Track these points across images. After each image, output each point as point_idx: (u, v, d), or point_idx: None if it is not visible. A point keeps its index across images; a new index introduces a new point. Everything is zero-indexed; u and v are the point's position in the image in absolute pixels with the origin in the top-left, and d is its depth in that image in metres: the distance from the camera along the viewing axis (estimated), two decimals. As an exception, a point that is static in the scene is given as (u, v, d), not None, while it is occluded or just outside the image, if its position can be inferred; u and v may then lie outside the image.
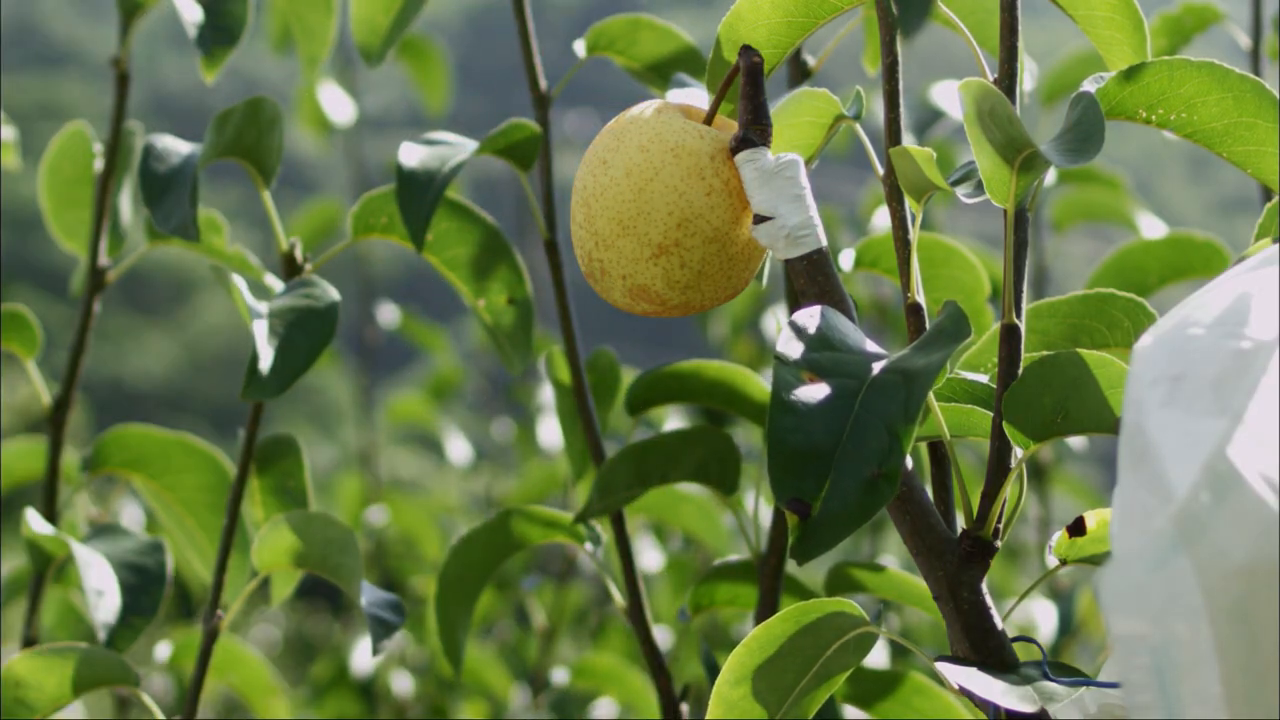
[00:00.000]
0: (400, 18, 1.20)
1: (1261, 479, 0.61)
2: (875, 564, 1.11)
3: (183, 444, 1.27)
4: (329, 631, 3.83)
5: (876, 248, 1.16)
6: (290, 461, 1.20)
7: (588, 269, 0.84)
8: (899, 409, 0.69)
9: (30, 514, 1.21)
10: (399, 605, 1.06)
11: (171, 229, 1.07)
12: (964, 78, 0.77)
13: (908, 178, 0.83)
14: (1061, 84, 1.84)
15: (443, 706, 2.44)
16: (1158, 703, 0.62)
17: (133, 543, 1.19)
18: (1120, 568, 0.63)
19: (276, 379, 1.03)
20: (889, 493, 0.68)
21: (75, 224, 1.38)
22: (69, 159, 1.37)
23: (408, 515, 2.54)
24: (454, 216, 1.15)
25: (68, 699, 1.08)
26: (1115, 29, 0.87)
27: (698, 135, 0.82)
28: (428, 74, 2.57)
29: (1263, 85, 0.81)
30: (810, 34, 0.87)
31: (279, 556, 1.09)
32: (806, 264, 0.80)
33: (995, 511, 0.79)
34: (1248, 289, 0.68)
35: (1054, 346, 0.88)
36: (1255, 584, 0.60)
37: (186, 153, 1.12)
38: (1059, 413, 0.78)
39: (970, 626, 0.78)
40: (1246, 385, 0.63)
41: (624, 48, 1.21)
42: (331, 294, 1.08)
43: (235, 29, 1.19)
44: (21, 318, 1.30)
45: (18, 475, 1.54)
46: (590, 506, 1.12)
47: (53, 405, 1.32)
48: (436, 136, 1.12)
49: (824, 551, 0.69)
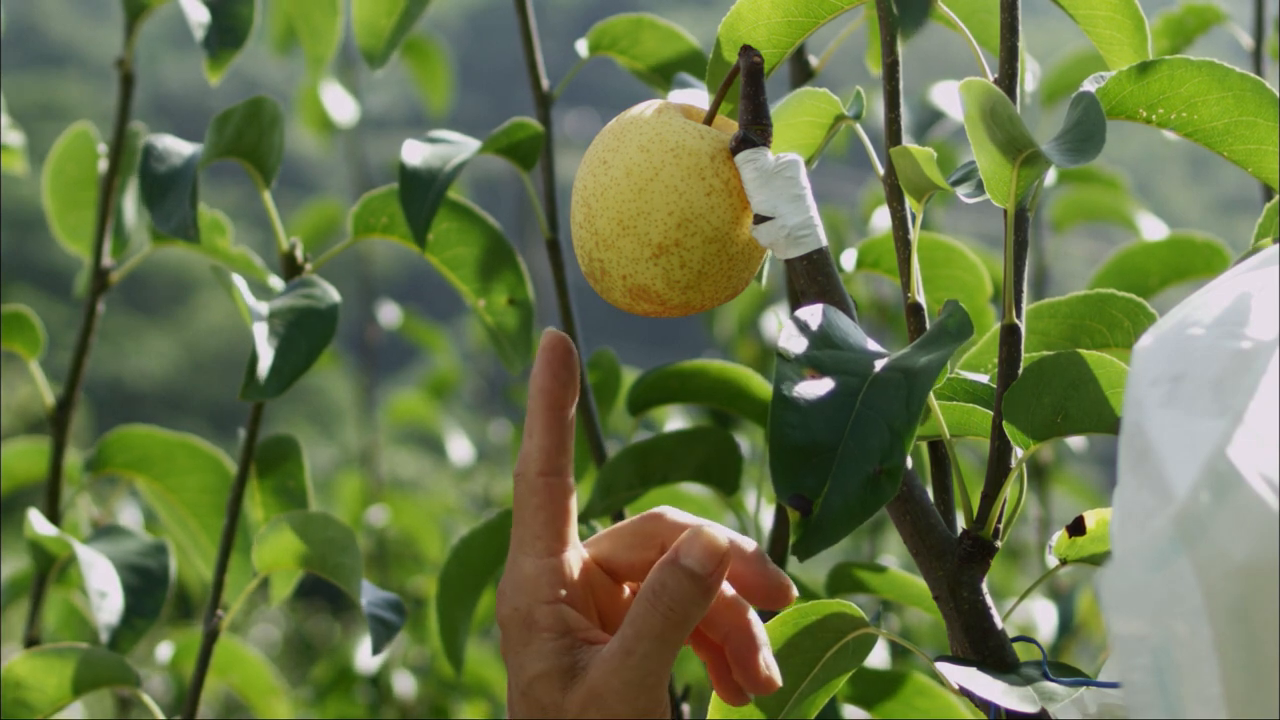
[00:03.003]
0: (402, 21, 1.20)
1: (1261, 479, 0.61)
2: (876, 564, 1.11)
3: (187, 445, 1.27)
4: (329, 632, 3.83)
5: (878, 248, 1.16)
6: (291, 462, 1.20)
7: (588, 269, 0.84)
8: (900, 407, 0.69)
9: (33, 515, 1.21)
10: (400, 605, 1.06)
11: (171, 230, 1.07)
12: (965, 78, 0.77)
13: (908, 177, 0.83)
14: (1062, 84, 1.84)
15: (444, 706, 2.44)
16: (1158, 703, 0.62)
17: (136, 544, 1.19)
18: (1120, 568, 0.63)
19: (276, 379, 1.03)
20: (890, 490, 0.68)
21: (79, 225, 1.38)
22: (73, 160, 1.37)
23: (408, 515, 2.54)
24: (455, 216, 1.15)
25: (68, 699, 1.08)
26: (1116, 29, 0.87)
27: (698, 135, 0.82)
28: (429, 74, 2.57)
29: (1263, 84, 0.81)
30: (811, 34, 0.87)
31: (279, 556, 1.09)
32: (807, 264, 0.80)
33: (995, 511, 0.79)
34: (1248, 289, 0.68)
35: (1054, 346, 0.88)
36: (1255, 584, 0.60)
37: (187, 153, 1.12)
38: (1059, 413, 0.78)
39: (970, 626, 0.79)
40: (1246, 385, 0.63)
41: (626, 47, 1.21)
42: (332, 294, 1.08)
43: (241, 30, 1.19)
44: (24, 318, 1.31)
45: (18, 476, 1.54)
46: (592, 507, 1.12)
47: (55, 405, 1.32)
48: (439, 135, 1.13)
49: (825, 548, 0.69)
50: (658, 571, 0.76)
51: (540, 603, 0.78)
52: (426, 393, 2.84)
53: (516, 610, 0.78)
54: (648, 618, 0.76)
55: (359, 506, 2.63)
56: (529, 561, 0.79)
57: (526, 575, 0.79)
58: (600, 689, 0.76)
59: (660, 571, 0.76)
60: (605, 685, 0.76)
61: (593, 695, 0.76)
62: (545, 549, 0.79)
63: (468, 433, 2.94)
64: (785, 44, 0.87)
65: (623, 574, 0.82)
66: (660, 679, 0.76)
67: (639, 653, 0.75)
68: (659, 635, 0.75)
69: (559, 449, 0.80)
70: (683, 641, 0.76)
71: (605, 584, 0.82)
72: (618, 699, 0.75)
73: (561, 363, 0.81)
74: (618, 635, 0.76)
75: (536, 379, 0.81)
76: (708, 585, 0.76)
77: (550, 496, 0.79)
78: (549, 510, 0.79)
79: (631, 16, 1.21)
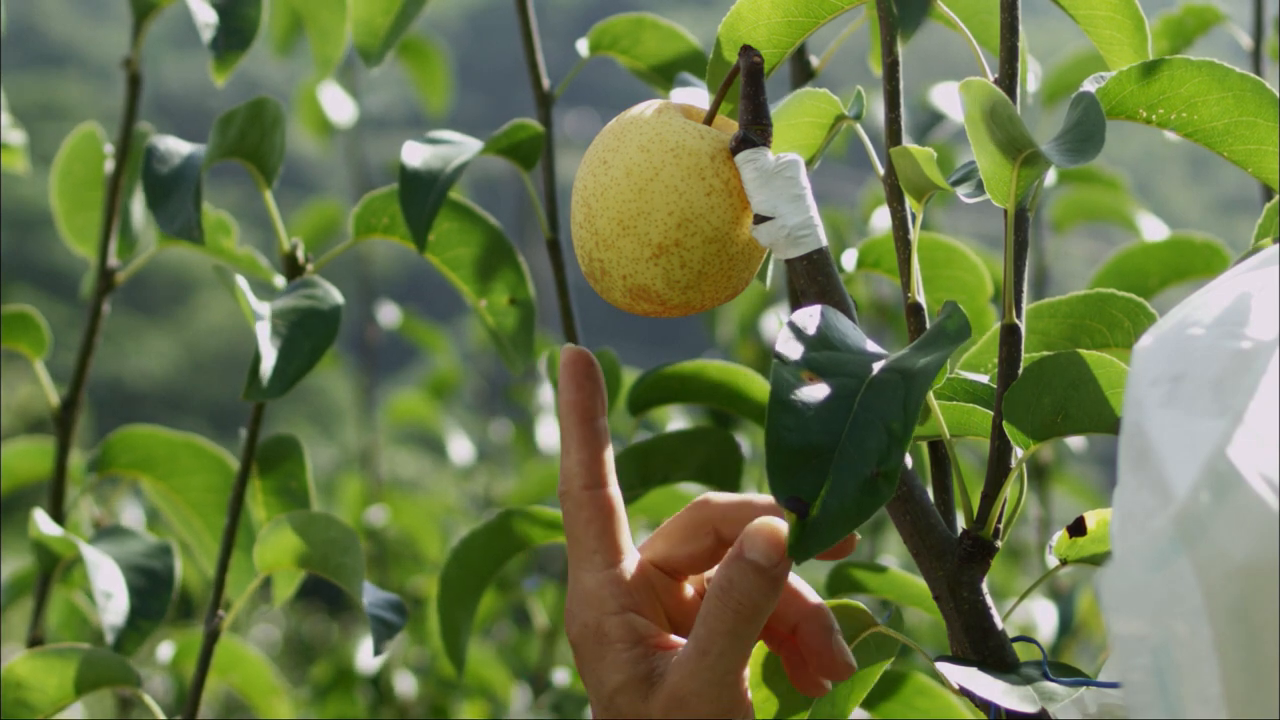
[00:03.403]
0: (399, 19, 1.20)
1: (1261, 479, 0.61)
2: (876, 564, 1.11)
3: (191, 445, 1.27)
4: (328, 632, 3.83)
5: (878, 248, 1.16)
6: (292, 462, 1.20)
7: (588, 269, 0.84)
8: (898, 408, 0.69)
9: (38, 515, 1.21)
10: (400, 605, 1.06)
11: (175, 230, 1.08)
12: (965, 78, 0.77)
13: (908, 177, 0.84)
14: (1062, 84, 1.84)
15: (444, 706, 2.44)
16: (1158, 703, 0.62)
17: (141, 545, 1.19)
18: (1120, 568, 0.63)
19: (279, 380, 1.03)
20: (888, 492, 0.68)
21: (86, 226, 1.38)
22: (80, 161, 1.37)
23: (408, 515, 2.54)
24: (456, 217, 1.15)
25: (69, 700, 1.08)
26: (1116, 29, 0.87)
27: (698, 135, 0.82)
28: (428, 74, 2.57)
29: (1263, 84, 0.81)
30: (811, 34, 0.88)
31: (281, 557, 1.09)
32: (806, 264, 0.80)
33: (995, 511, 0.79)
34: (1248, 289, 0.68)
35: (1054, 346, 0.88)
36: (1255, 584, 0.60)
37: (189, 154, 1.12)
38: (1059, 413, 0.78)
39: (970, 626, 0.79)
40: (1246, 385, 0.63)
41: (627, 47, 1.21)
42: (334, 294, 1.08)
43: (249, 32, 1.19)
44: (30, 318, 1.31)
45: (20, 476, 1.54)
46: (591, 506, 1.12)
47: (60, 406, 1.32)
48: (440, 136, 1.13)
49: (822, 550, 0.69)
50: (724, 568, 0.76)
51: (607, 615, 0.78)
52: (427, 393, 2.84)
53: (586, 626, 0.79)
54: (720, 615, 0.76)
55: (359, 506, 2.63)
56: (589, 576, 0.79)
57: (589, 590, 0.79)
58: (681, 692, 0.76)
59: (727, 568, 0.76)
60: (685, 687, 0.76)
61: (675, 699, 0.76)
62: (603, 562, 0.79)
63: (468, 433, 2.94)
64: (785, 44, 0.87)
65: (683, 569, 0.82)
66: (739, 675, 0.77)
67: (714, 651, 0.76)
68: (732, 631, 0.76)
69: (597, 460, 0.81)
70: (757, 636, 0.77)
71: (666, 584, 0.82)
72: (699, 699, 0.76)
73: (584, 374, 0.82)
74: (692, 636, 0.77)
75: (563, 395, 0.82)
76: (775, 576, 0.76)
77: (599, 509, 0.80)
78: (599, 523, 0.80)
79: (632, 16, 1.21)
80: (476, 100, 11.48)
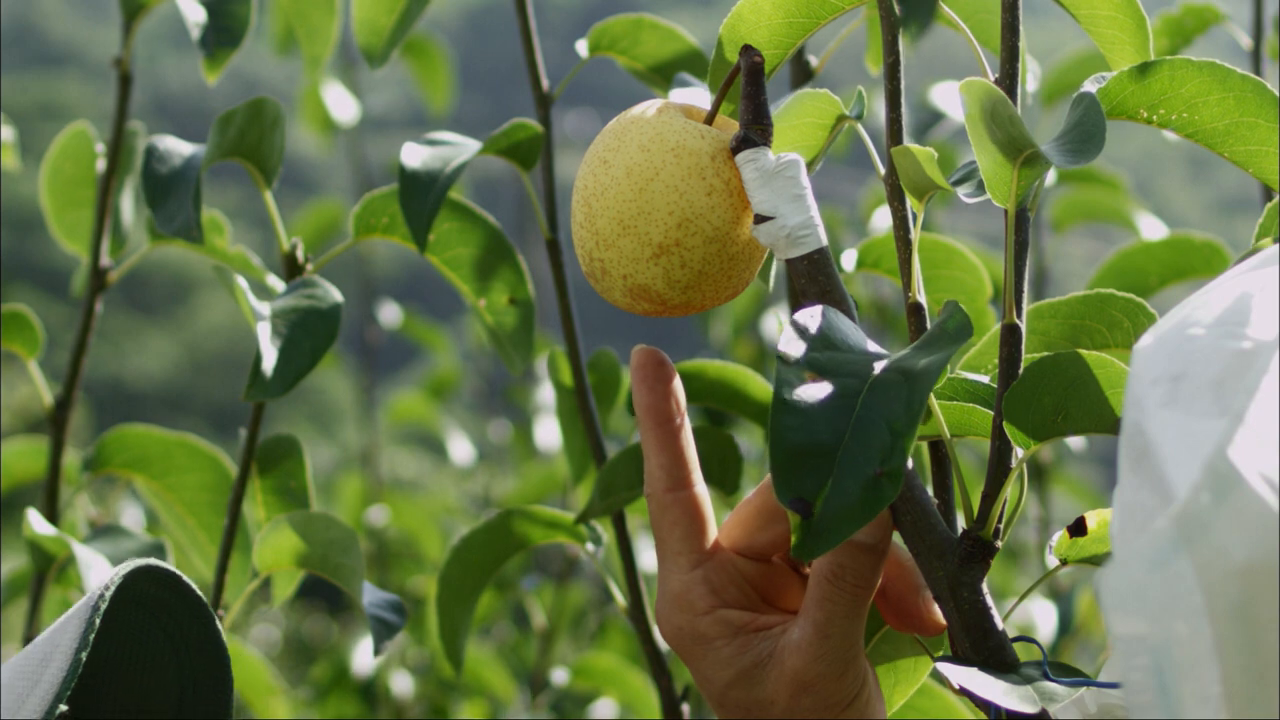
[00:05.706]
0: (403, 19, 1.20)
1: (1262, 479, 0.61)
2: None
3: (185, 444, 1.27)
4: (327, 632, 3.83)
5: (878, 248, 1.16)
6: (292, 462, 1.20)
7: (588, 268, 0.84)
8: (901, 408, 0.69)
9: (32, 514, 1.21)
10: (400, 606, 1.06)
11: (174, 231, 1.07)
12: (965, 78, 0.77)
13: (909, 177, 0.84)
14: (1063, 84, 1.84)
15: (443, 706, 2.44)
16: (1158, 703, 0.62)
17: (134, 544, 1.19)
18: (1120, 568, 0.63)
19: (280, 379, 1.03)
20: (891, 492, 0.68)
21: (77, 224, 1.38)
22: (71, 159, 1.37)
23: (408, 515, 2.54)
24: (456, 217, 1.15)
25: (67, 698, 1.08)
26: (1118, 28, 0.87)
27: (698, 135, 0.82)
28: (430, 74, 2.57)
29: (1264, 85, 0.81)
30: (811, 34, 0.88)
31: (280, 557, 1.09)
32: (807, 264, 0.80)
33: (995, 511, 0.79)
34: (1248, 289, 0.68)
35: (1054, 347, 0.88)
36: (1255, 584, 0.60)
37: (189, 154, 1.12)
38: (1059, 413, 0.78)
39: (970, 626, 0.79)
40: (1247, 385, 0.63)
41: (626, 47, 1.21)
42: (334, 294, 1.08)
43: (238, 30, 1.19)
44: (23, 318, 1.30)
45: (17, 475, 1.54)
46: (592, 507, 1.12)
47: (54, 405, 1.32)
48: (439, 137, 1.13)
49: (825, 550, 0.69)
50: (833, 554, 0.77)
51: (699, 616, 0.79)
52: (427, 393, 2.84)
53: (680, 629, 0.80)
54: (836, 600, 0.77)
55: (359, 506, 2.63)
56: (675, 579, 0.80)
57: (677, 593, 0.80)
58: (806, 676, 0.77)
59: (835, 553, 0.77)
60: (811, 671, 0.77)
61: (800, 684, 0.77)
62: (688, 563, 0.80)
63: (468, 433, 2.94)
64: (786, 44, 0.87)
65: (767, 552, 0.83)
66: (859, 650, 0.78)
67: (836, 634, 0.77)
68: (849, 613, 0.77)
69: (678, 462, 0.81)
70: (868, 607, 0.79)
71: (751, 567, 0.82)
72: (826, 681, 0.77)
73: (655, 375, 0.82)
74: (807, 621, 0.77)
75: (638, 398, 0.82)
76: (881, 551, 0.78)
77: (683, 511, 0.81)
78: (684, 525, 0.81)
79: (631, 16, 1.21)
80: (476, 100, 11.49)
